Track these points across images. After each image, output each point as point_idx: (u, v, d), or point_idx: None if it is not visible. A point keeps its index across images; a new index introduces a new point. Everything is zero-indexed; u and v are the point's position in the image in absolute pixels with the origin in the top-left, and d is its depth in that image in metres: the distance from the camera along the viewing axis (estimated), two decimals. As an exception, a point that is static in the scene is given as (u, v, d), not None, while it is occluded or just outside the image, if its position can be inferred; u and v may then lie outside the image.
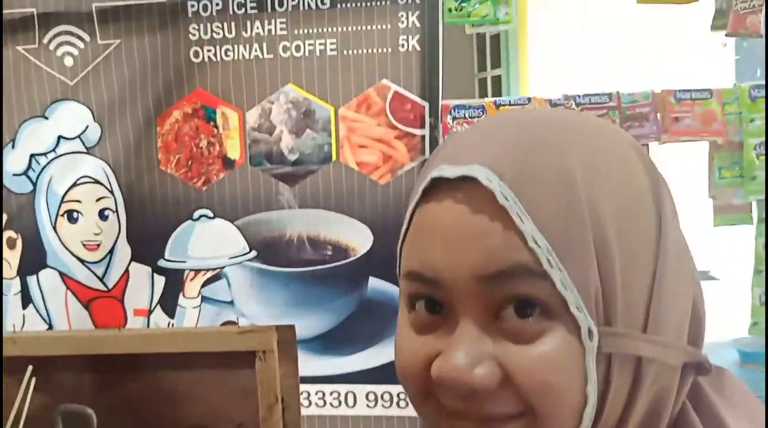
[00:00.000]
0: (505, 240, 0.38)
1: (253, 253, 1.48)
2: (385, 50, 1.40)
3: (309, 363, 1.49)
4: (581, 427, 0.39)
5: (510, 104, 1.42)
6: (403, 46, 1.40)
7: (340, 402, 1.50)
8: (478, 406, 0.39)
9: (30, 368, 1.33)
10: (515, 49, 3.43)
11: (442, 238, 0.39)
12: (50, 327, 1.53)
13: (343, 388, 1.50)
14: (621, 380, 0.39)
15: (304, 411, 1.50)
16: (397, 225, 1.64)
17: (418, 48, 1.40)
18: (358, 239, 1.46)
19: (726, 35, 1.39)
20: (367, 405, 1.50)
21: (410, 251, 0.42)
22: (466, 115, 1.43)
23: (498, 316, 0.39)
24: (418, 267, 0.41)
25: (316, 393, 1.51)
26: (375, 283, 1.47)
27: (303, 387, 1.48)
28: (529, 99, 1.43)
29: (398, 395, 1.49)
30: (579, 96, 1.41)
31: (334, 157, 1.44)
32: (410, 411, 1.51)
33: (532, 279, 0.38)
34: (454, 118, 1.43)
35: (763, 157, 1.37)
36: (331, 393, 1.50)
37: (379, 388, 1.49)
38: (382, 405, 1.50)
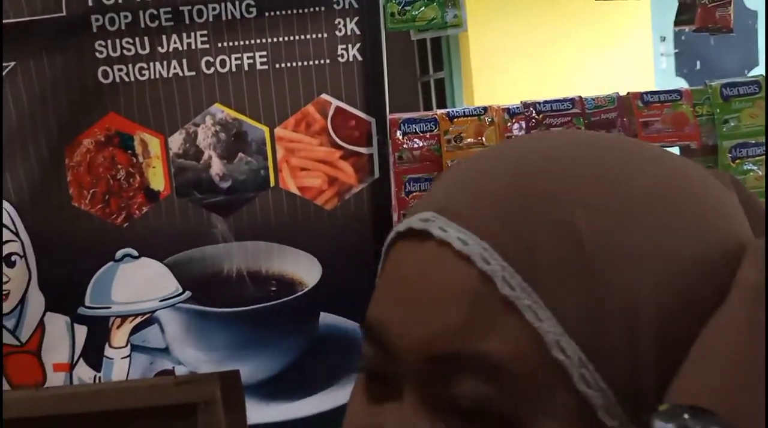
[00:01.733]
0: (476, 321, 0.30)
1: (187, 294, 1.39)
2: (322, 61, 1.30)
3: (258, 411, 1.40)
4: None
5: (464, 115, 1.30)
6: (342, 56, 1.30)
7: None
8: None
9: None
10: (457, 50, 3.38)
11: (399, 291, 0.32)
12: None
13: None
14: None
15: (256, 465, 1.41)
16: (348, 253, 1.47)
17: (360, 57, 1.30)
18: (305, 271, 1.38)
19: (694, 31, 1.30)
20: None
21: (373, 296, 0.35)
22: (417, 130, 1.31)
23: (450, 411, 0.31)
24: (369, 318, 0.34)
25: None
26: (327, 319, 1.40)
27: None
28: (485, 108, 1.31)
29: (359, 440, 1.40)
30: (539, 103, 1.30)
31: (272, 183, 1.35)
32: (373, 457, 1.41)
33: (492, 378, 0.29)
34: (404, 134, 1.30)
35: (739, 161, 1.27)
36: None
37: None
38: None
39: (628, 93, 1.33)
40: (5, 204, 1.35)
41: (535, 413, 0.29)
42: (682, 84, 3.38)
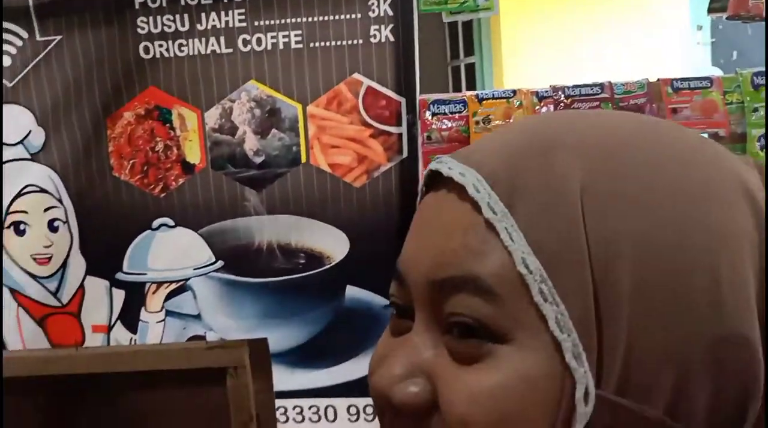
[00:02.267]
0: (468, 247, 0.33)
1: (220, 263, 1.42)
2: (355, 42, 1.32)
3: (285, 378, 1.43)
4: None
5: (493, 98, 1.31)
6: (375, 36, 1.31)
7: (319, 417, 1.46)
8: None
9: (-22, 396, 1.26)
10: (488, 35, 3.32)
11: (416, 233, 0.37)
12: (2, 347, 1.47)
13: (322, 402, 1.45)
14: None
15: (281, 428, 1.45)
16: (375, 229, 1.50)
17: (392, 38, 1.31)
18: (334, 246, 1.40)
19: (727, 18, 1.29)
20: (349, 419, 1.45)
21: None
22: (447, 111, 1.32)
23: (447, 329, 0.34)
24: (397, 261, 0.38)
25: (294, 408, 1.46)
26: (353, 292, 1.42)
27: (279, 402, 1.40)
28: (515, 91, 1.32)
29: (381, 409, 1.44)
30: (568, 87, 1.31)
31: (303, 159, 1.37)
32: (394, 426, 1.46)
33: (494, 298, 0.32)
34: (433, 114, 1.32)
35: None
36: (310, 408, 1.46)
37: (360, 401, 1.44)
38: (365, 419, 1.45)
39: (658, 79, 1.33)
40: (50, 171, 1.41)
41: (514, 326, 0.32)
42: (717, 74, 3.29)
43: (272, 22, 1.32)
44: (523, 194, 0.33)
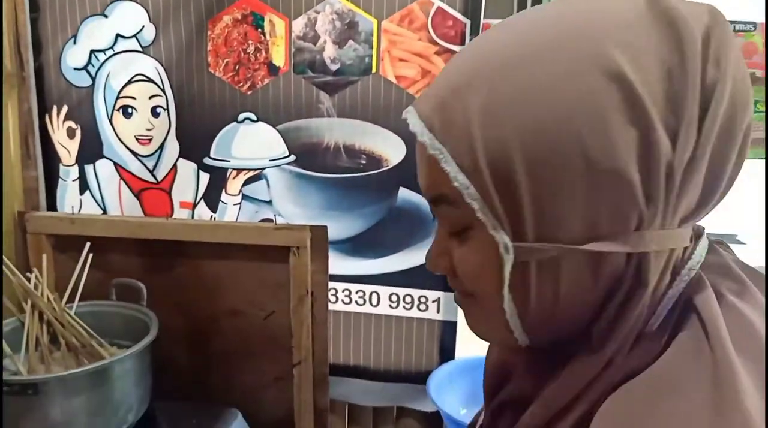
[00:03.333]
0: (437, 174, 0.47)
1: (292, 158, 1.48)
2: None
3: (338, 263, 1.53)
4: (506, 315, 0.49)
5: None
6: None
7: (364, 301, 1.55)
8: (452, 284, 0.53)
9: (88, 244, 1.46)
10: None
11: (418, 164, 0.51)
12: (104, 212, 1.61)
13: (368, 288, 1.54)
14: (540, 277, 0.46)
15: (330, 306, 1.56)
16: (430, 139, 1.55)
17: None
18: (392, 150, 1.44)
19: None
20: (390, 306, 1.55)
21: None
22: (505, 35, 1.42)
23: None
24: None
25: (343, 291, 1.56)
26: (404, 193, 1.47)
27: (331, 284, 1.54)
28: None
29: (419, 298, 1.56)
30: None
31: (374, 69, 1.41)
32: (429, 314, 1.58)
33: (456, 204, 0.47)
34: (493, 38, 1.43)
35: (798, 95, 1.36)
36: (357, 292, 1.55)
37: (401, 291, 1.54)
38: (404, 307, 1.55)
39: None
40: (157, 63, 1.52)
41: (468, 218, 0.47)
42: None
43: (357, -58, 1.36)
44: (449, 130, 0.45)
